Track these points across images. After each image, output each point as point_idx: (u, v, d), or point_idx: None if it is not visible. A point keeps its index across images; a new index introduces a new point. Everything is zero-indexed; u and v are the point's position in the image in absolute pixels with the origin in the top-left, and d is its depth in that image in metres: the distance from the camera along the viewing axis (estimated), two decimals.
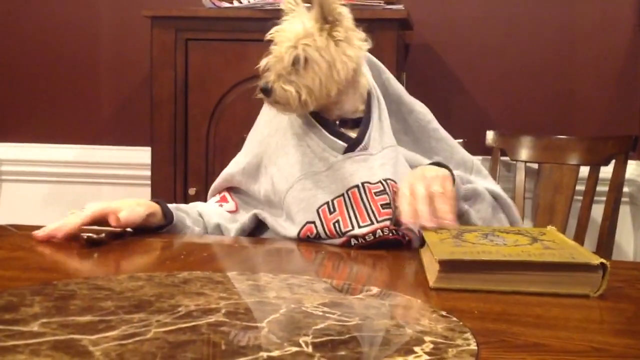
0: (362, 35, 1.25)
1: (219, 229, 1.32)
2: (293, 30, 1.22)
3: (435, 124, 1.38)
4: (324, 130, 1.26)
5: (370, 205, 1.20)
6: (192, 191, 2.33)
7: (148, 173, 2.37)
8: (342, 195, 1.22)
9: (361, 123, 1.28)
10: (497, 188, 1.36)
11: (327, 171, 1.24)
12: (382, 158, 1.25)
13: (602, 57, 2.47)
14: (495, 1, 2.52)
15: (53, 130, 2.78)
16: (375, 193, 1.21)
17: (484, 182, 1.35)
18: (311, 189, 1.23)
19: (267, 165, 1.31)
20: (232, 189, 1.38)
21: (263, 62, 1.25)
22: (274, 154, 1.31)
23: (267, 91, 1.22)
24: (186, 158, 2.37)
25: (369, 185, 1.22)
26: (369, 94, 1.30)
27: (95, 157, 2.75)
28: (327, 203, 1.21)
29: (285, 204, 1.26)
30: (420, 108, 1.38)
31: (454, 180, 1.20)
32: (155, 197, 2.40)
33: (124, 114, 2.76)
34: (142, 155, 2.53)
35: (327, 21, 1.21)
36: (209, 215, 1.34)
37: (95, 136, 2.76)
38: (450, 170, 1.23)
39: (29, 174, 2.78)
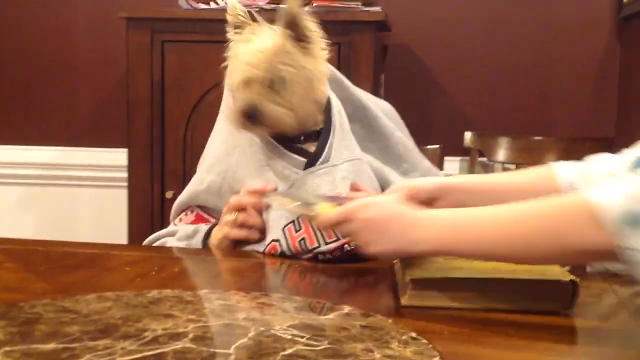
0: (324, 43, 1.22)
1: None
2: (264, 47, 1.17)
3: (399, 132, 1.37)
4: (282, 148, 1.23)
5: None
6: (169, 194, 2.31)
7: (125, 175, 2.35)
8: None
9: (321, 135, 1.25)
10: None
11: (289, 190, 1.22)
12: (343, 170, 1.24)
13: (580, 59, 2.48)
14: (473, 2, 2.52)
15: (29, 131, 2.74)
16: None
17: None
18: (276, 208, 1.22)
19: (233, 185, 1.29)
20: (202, 207, 1.36)
21: (234, 80, 1.19)
22: (236, 173, 1.28)
23: (254, 115, 1.16)
24: (163, 160, 2.35)
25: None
26: (328, 102, 1.27)
27: (71, 159, 2.72)
28: (293, 222, 1.20)
29: None
30: (385, 116, 1.37)
31: None
32: (132, 199, 2.39)
33: (100, 116, 2.73)
34: (119, 157, 2.50)
35: (300, 38, 1.17)
36: None
37: (72, 138, 2.73)
38: None
39: (4, 176, 2.75)
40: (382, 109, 1.39)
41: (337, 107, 1.28)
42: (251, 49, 1.18)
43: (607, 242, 0.78)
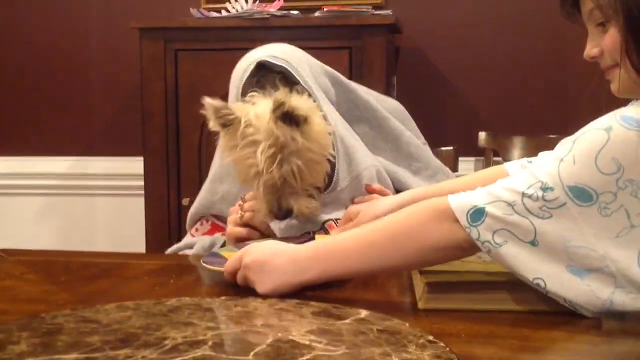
0: (319, 111, 1.20)
1: None
2: (267, 149, 1.12)
3: (407, 132, 1.37)
4: None
5: None
6: (185, 201, 2.33)
7: (141, 183, 2.37)
8: (321, 229, 1.22)
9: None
10: None
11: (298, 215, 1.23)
12: (352, 190, 1.25)
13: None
14: (483, 3, 2.52)
15: (45, 142, 2.78)
16: None
17: None
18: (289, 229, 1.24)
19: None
20: (216, 216, 1.37)
21: (250, 185, 1.17)
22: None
23: (283, 214, 1.17)
24: (179, 168, 2.37)
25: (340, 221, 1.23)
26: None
27: (88, 168, 2.75)
28: (309, 232, 1.22)
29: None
30: (393, 115, 1.37)
31: None
32: (148, 207, 2.41)
33: (116, 125, 2.75)
34: (135, 165, 2.52)
35: (296, 121, 1.13)
36: None
37: (88, 147, 2.76)
38: None
39: (22, 187, 2.78)
40: (388, 108, 1.39)
41: (337, 127, 1.26)
42: (254, 152, 1.14)
43: (462, 237, 0.88)
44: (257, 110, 1.16)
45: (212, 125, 1.18)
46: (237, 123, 1.15)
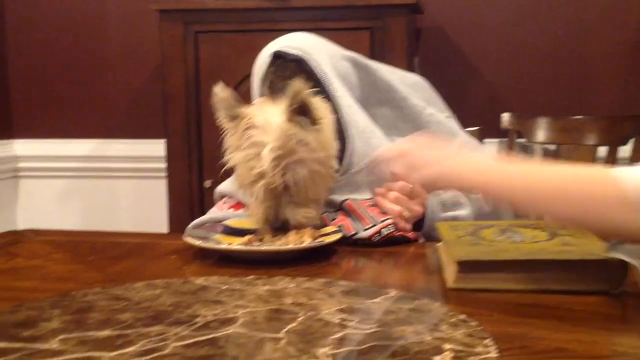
0: (329, 112, 1.18)
1: None
2: (275, 150, 1.07)
3: (430, 109, 1.36)
4: None
5: (367, 213, 1.20)
6: (207, 183, 2.33)
7: (163, 165, 2.38)
8: (341, 208, 1.21)
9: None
10: None
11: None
12: (371, 173, 1.23)
13: (616, 36, 2.43)
14: None
15: (68, 125, 2.79)
16: (368, 205, 1.21)
17: None
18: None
19: None
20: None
21: (250, 187, 1.11)
22: None
23: (279, 226, 1.12)
24: (200, 150, 2.37)
25: (360, 200, 1.22)
26: (337, 115, 1.23)
27: (110, 151, 2.76)
28: (327, 212, 1.21)
29: None
30: (414, 91, 1.36)
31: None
32: (171, 189, 2.41)
33: (137, 107, 2.75)
34: (157, 147, 2.52)
35: (313, 121, 1.09)
36: None
37: (110, 130, 2.77)
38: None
39: (45, 170, 2.80)
40: (410, 84, 1.38)
41: (344, 114, 1.24)
42: (258, 153, 1.09)
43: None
44: (267, 112, 1.12)
45: (221, 116, 1.15)
46: (243, 117, 1.12)
